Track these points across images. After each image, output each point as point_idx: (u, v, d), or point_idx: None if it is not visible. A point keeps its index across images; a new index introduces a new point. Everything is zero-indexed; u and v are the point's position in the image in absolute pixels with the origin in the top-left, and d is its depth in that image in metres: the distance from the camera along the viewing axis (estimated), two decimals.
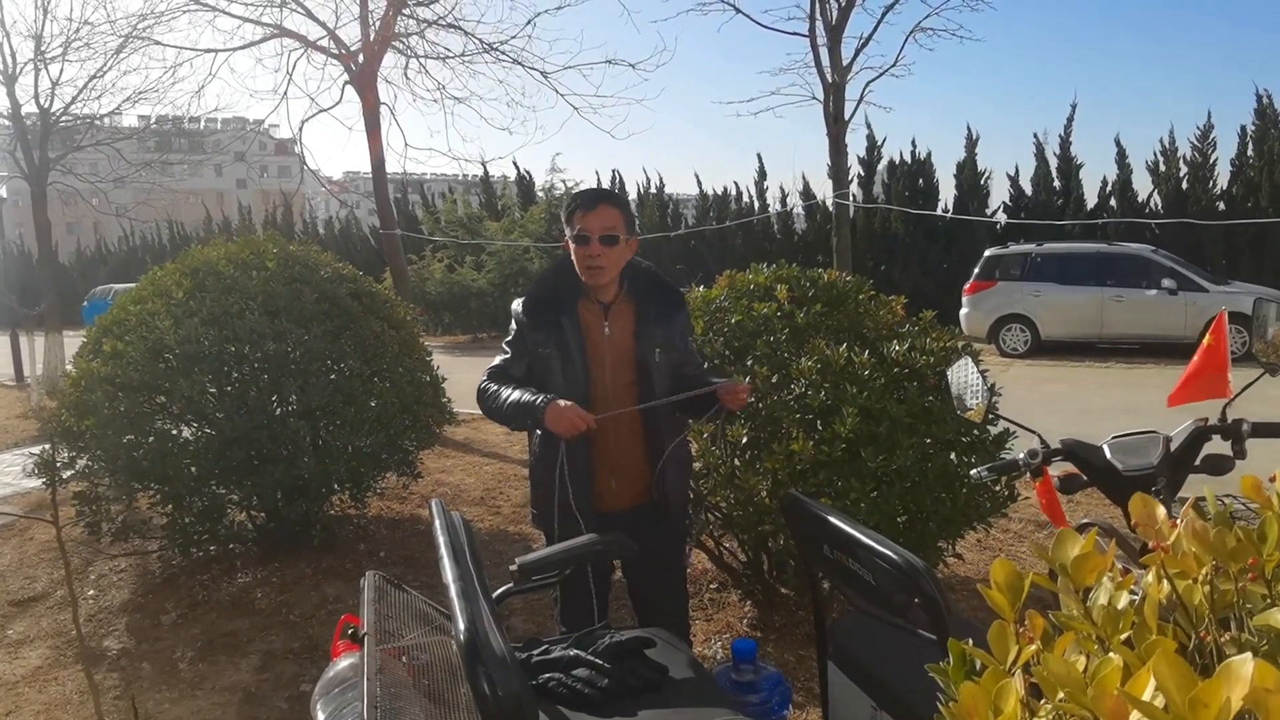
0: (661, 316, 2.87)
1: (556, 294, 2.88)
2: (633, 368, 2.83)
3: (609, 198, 2.89)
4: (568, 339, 2.80)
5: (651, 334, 2.84)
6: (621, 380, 2.83)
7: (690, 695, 2.02)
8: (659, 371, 2.83)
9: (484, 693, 1.37)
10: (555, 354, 2.80)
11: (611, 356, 2.82)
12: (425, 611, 2.00)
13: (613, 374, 2.82)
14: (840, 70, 13.69)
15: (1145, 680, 0.69)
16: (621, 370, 2.83)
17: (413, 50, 11.35)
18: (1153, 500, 0.94)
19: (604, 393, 2.80)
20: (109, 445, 4.87)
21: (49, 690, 4.07)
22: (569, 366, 2.79)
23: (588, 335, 2.82)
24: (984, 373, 2.77)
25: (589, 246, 2.78)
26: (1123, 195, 17.78)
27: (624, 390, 2.82)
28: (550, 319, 2.83)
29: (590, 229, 2.77)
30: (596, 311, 2.85)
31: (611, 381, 2.82)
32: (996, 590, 0.91)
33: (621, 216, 2.83)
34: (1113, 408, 9.22)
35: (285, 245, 5.79)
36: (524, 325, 2.87)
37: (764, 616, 4.25)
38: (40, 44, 14.15)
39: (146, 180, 20.02)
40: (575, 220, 2.81)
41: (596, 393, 2.79)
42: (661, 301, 2.90)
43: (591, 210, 2.79)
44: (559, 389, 2.75)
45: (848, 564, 2.09)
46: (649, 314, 2.86)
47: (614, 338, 2.83)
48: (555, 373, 2.80)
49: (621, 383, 2.83)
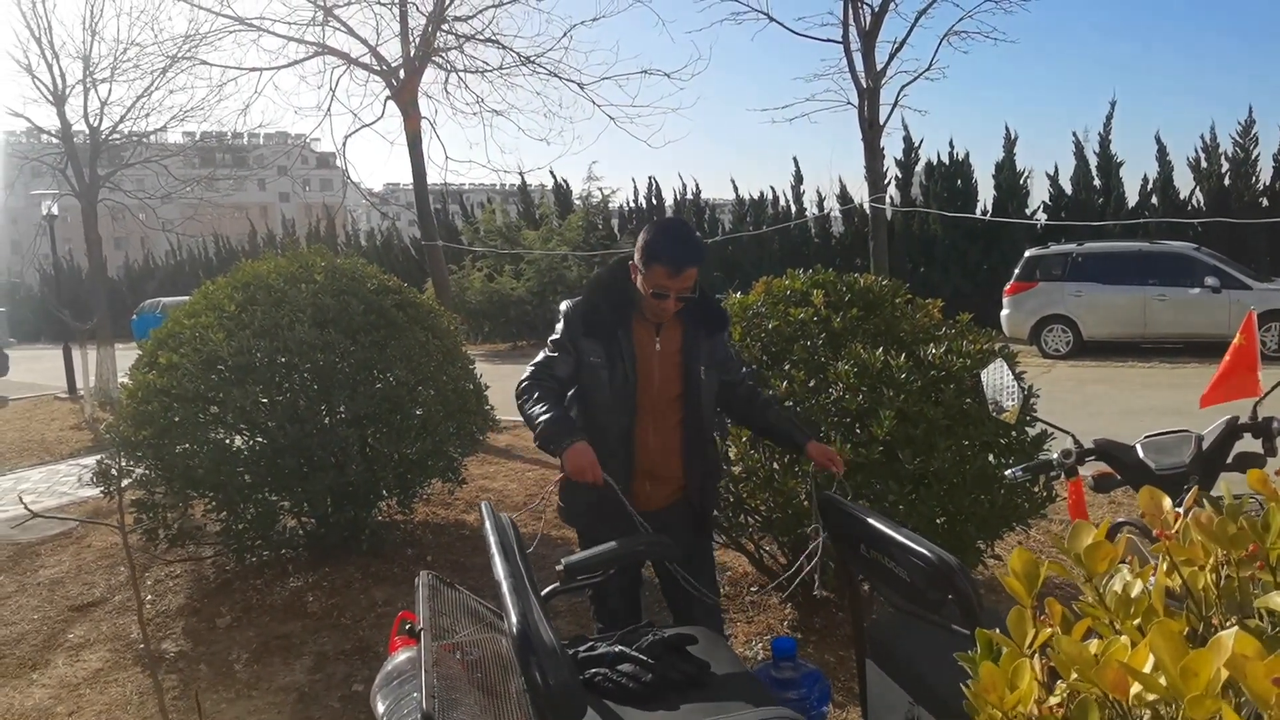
0: (709, 334, 2.94)
1: (611, 306, 2.89)
2: (680, 381, 2.91)
3: (694, 259, 2.81)
4: (620, 353, 2.84)
5: (699, 351, 2.91)
6: (669, 394, 2.91)
7: (731, 690, 2.09)
8: (705, 386, 2.92)
9: (537, 682, 1.45)
10: (604, 365, 2.85)
11: (661, 371, 2.89)
12: (476, 609, 2.09)
13: (660, 387, 2.89)
14: (874, 75, 13.69)
15: (1145, 655, 0.75)
16: (669, 384, 2.91)
17: (452, 65, 11.54)
18: (1159, 492, 1.00)
19: (651, 404, 2.89)
20: (165, 454, 5.03)
21: (109, 692, 4.22)
22: (617, 378, 2.84)
23: (639, 350, 2.87)
24: (1019, 374, 2.82)
25: (664, 303, 2.80)
26: (1164, 193, 17.52)
27: (671, 403, 2.91)
28: (604, 331, 2.86)
29: (670, 289, 2.78)
30: (649, 328, 2.90)
31: (659, 394, 2.90)
32: (1014, 578, 0.98)
33: (699, 271, 2.84)
34: (1156, 408, 9.13)
35: (332, 258, 5.94)
36: (574, 330, 2.89)
37: (804, 619, 4.30)
38: (89, 65, 14.53)
39: (193, 195, 20.45)
40: (656, 274, 2.77)
41: (643, 403, 2.87)
42: (709, 321, 2.96)
43: (676, 275, 2.76)
44: (605, 399, 2.84)
45: (884, 562, 2.15)
46: (698, 333, 2.92)
47: (664, 353, 2.89)
48: (603, 383, 2.86)
49: (669, 395, 2.91)
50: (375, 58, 11.10)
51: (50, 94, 14.75)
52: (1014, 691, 0.87)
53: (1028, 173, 18.68)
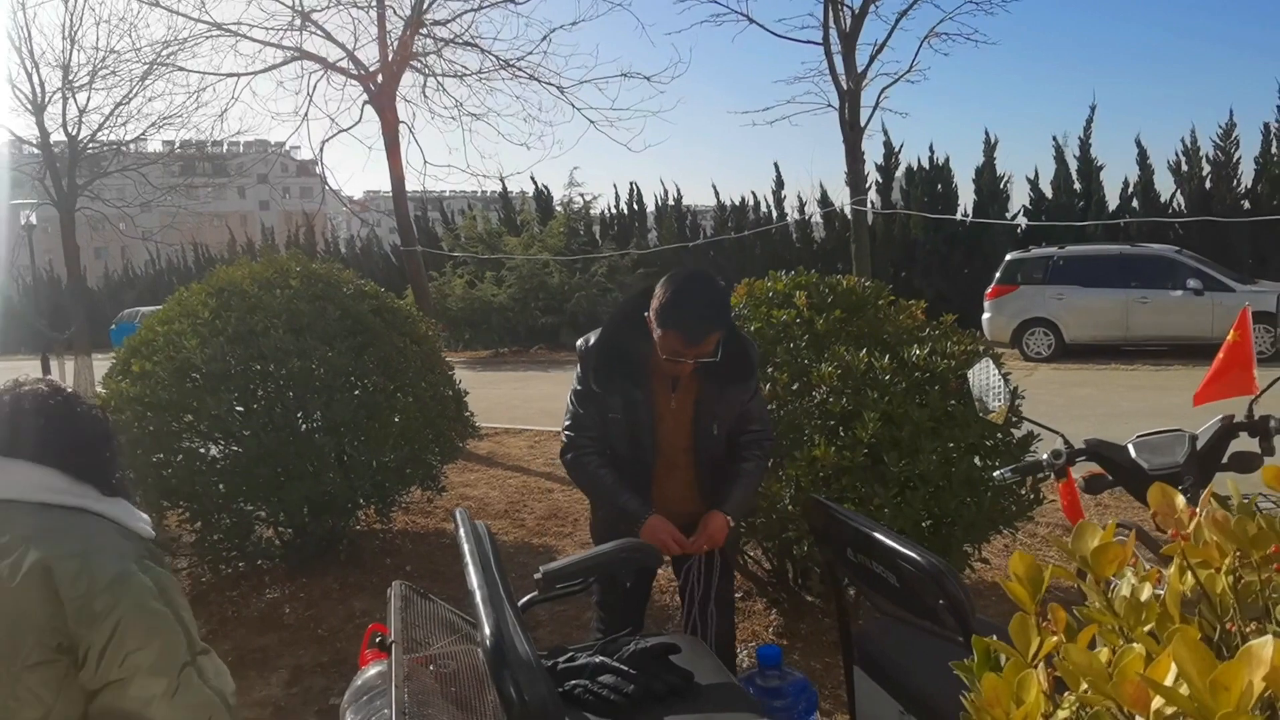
0: (725, 390, 2.78)
1: (627, 358, 2.74)
2: (689, 435, 2.81)
3: (714, 324, 2.61)
4: (638, 411, 2.76)
5: (712, 408, 2.78)
6: (678, 445, 2.82)
7: (716, 701, 2.02)
8: (715, 441, 2.82)
9: (511, 697, 1.38)
10: (623, 420, 2.77)
11: (673, 424, 2.80)
12: (451, 620, 2.02)
13: (670, 440, 2.81)
14: (855, 77, 13.71)
15: (1166, 666, 0.69)
16: (679, 437, 2.81)
17: (430, 69, 11.48)
18: (1171, 489, 0.94)
19: (667, 454, 2.82)
20: (138, 464, 4.92)
21: None
22: (636, 433, 2.77)
23: (657, 408, 2.77)
24: (1005, 374, 2.77)
25: (680, 365, 2.66)
26: (1145, 196, 17.63)
27: (680, 455, 2.83)
28: (622, 386, 2.76)
29: (687, 356, 2.62)
30: (666, 382, 2.78)
31: (668, 447, 2.82)
32: (1016, 583, 0.91)
33: (721, 334, 2.63)
34: (1141, 411, 9.13)
35: (308, 264, 5.85)
36: (591, 377, 2.79)
37: (790, 624, 4.24)
38: (68, 73, 14.43)
39: (172, 204, 20.31)
40: (671, 340, 2.59)
41: (660, 452, 2.81)
42: (728, 375, 2.76)
43: (694, 345, 2.59)
44: (623, 448, 2.78)
45: (871, 567, 2.09)
46: (713, 389, 2.77)
47: (677, 409, 2.79)
48: (621, 437, 2.78)
49: (678, 448, 2.82)
50: (353, 62, 11.04)
51: (29, 103, 14.62)
52: (1020, 706, 0.81)
53: (1008, 177, 18.82)
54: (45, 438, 1.78)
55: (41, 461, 1.75)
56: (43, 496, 1.73)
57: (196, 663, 1.73)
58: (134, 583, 1.68)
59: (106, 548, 1.71)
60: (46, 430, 1.78)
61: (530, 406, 11.93)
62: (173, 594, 1.75)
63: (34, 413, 1.80)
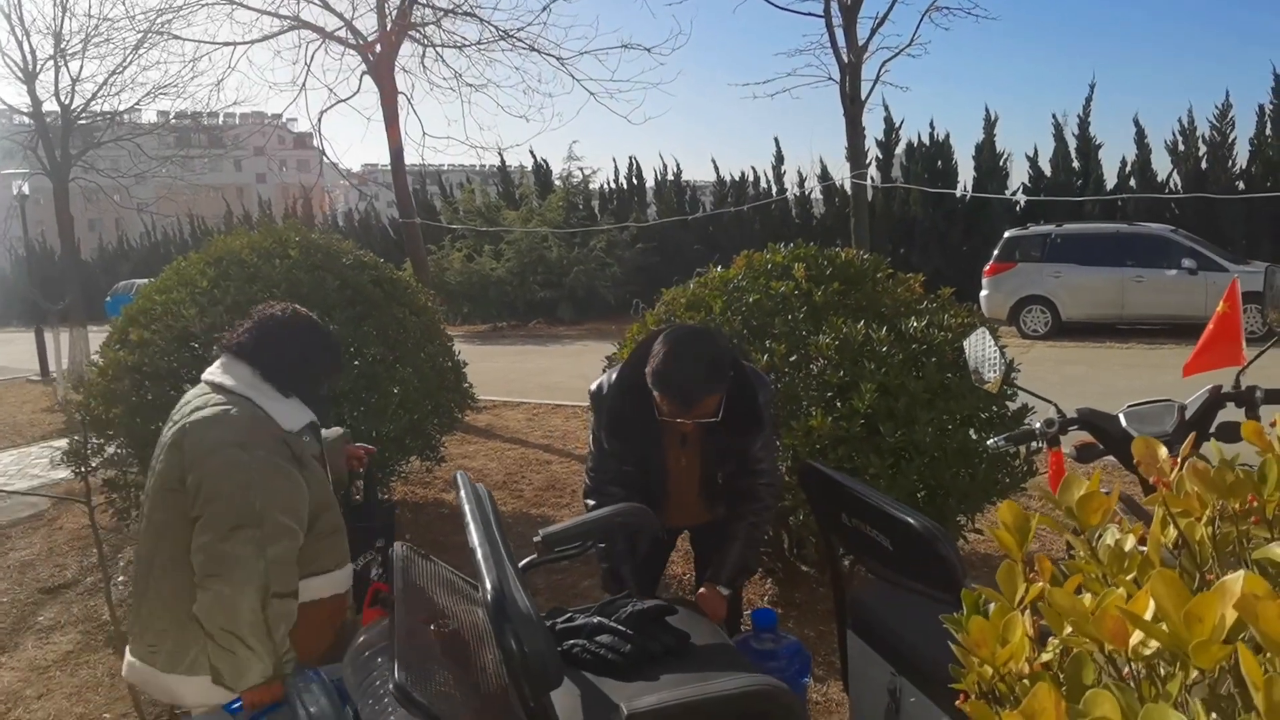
0: (732, 441, 2.73)
1: (639, 416, 2.68)
2: (697, 484, 2.84)
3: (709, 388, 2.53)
4: (650, 468, 2.78)
5: (720, 459, 2.78)
6: (689, 494, 2.85)
7: (711, 661, 2.06)
8: (722, 490, 2.84)
9: (511, 649, 1.41)
10: (636, 474, 2.79)
11: (683, 478, 2.83)
12: (452, 580, 2.05)
13: (681, 487, 2.84)
14: (856, 50, 13.64)
15: (1145, 601, 0.72)
16: (689, 486, 2.84)
17: (429, 39, 11.41)
18: (1155, 441, 0.97)
19: (676, 497, 2.85)
20: (137, 433, 4.94)
21: (80, 674, 4.16)
22: (650, 487, 2.78)
23: (667, 461, 2.80)
24: (1001, 346, 2.79)
25: (681, 426, 2.63)
26: (1142, 175, 17.60)
27: (691, 501, 2.86)
28: (634, 443, 2.75)
29: (685, 418, 2.56)
30: (676, 440, 2.77)
31: (678, 493, 2.85)
32: (1004, 530, 0.94)
33: (722, 392, 2.56)
34: (1135, 389, 9.17)
35: (307, 234, 5.84)
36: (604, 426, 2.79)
37: (785, 593, 4.29)
38: (60, 41, 14.33)
39: (167, 175, 20.24)
40: (669, 405, 2.54)
41: (669, 505, 2.84)
42: (737, 429, 2.68)
43: (688, 410, 2.52)
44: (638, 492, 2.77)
45: (865, 530, 2.12)
46: (719, 442, 2.72)
47: (687, 465, 2.81)
48: (635, 484, 2.79)
49: (689, 496, 2.86)
50: (351, 31, 10.97)
51: (20, 71, 14.51)
52: (1005, 646, 0.84)
53: (1007, 154, 18.76)
54: (259, 344, 2.42)
55: (248, 360, 2.39)
56: (231, 384, 2.36)
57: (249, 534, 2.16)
58: (224, 454, 2.21)
59: (231, 424, 2.26)
60: (262, 339, 2.43)
61: (528, 380, 11.95)
62: (256, 478, 2.20)
63: (259, 324, 2.47)
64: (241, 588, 2.15)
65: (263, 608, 2.17)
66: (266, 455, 2.24)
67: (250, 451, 2.22)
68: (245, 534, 2.16)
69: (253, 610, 2.15)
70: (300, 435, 2.38)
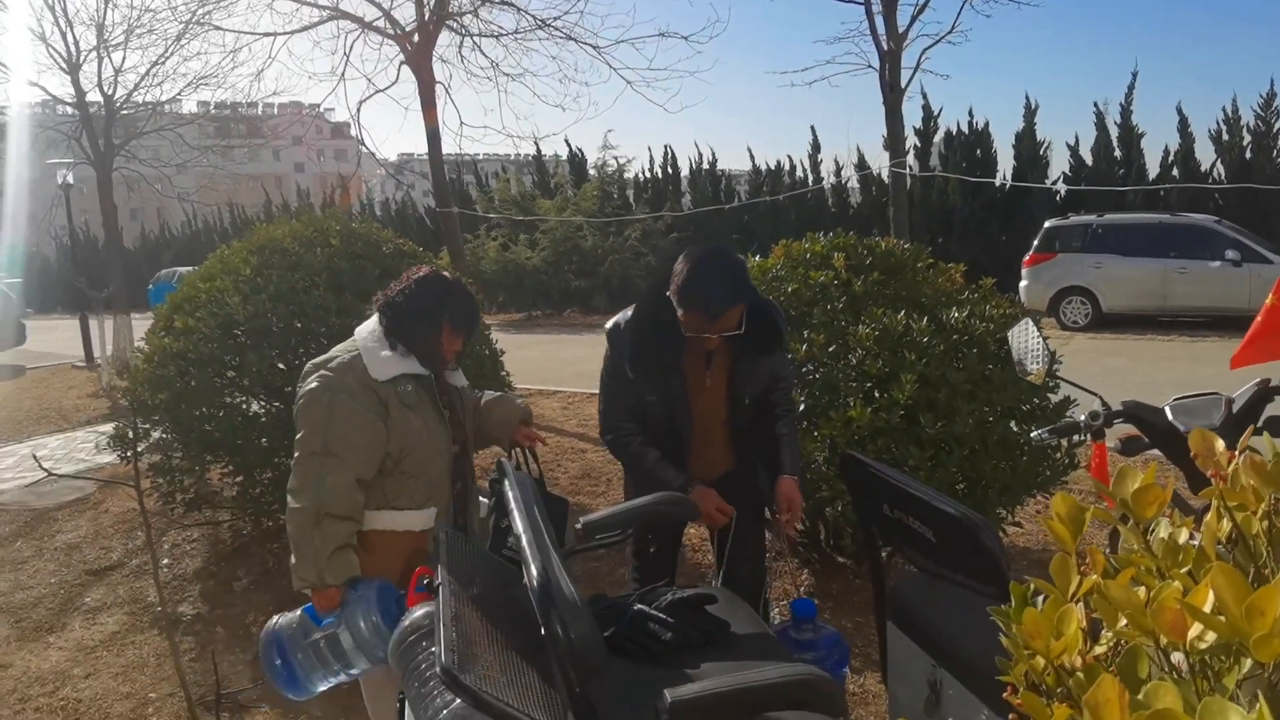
0: (757, 361, 2.82)
1: (661, 345, 2.72)
2: (725, 408, 2.85)
3: (734, 300, 2.60)
4: (673, 396, 2.77)
5: (746, 380, 2.81)
6: (714, 419, 2.86)
7: (751, 650, 2.07)
8: (748, 410, 2.87)
9: (558, 636, 1.43)
10: (660, 405, 2.79)
11: (709, 401, 2.83)
12: (495, 564, 2.07)
13: (707, 414, 2.85)
14: (896, 37, 13.48)
15: (1204, 595, 0.72)
16: (715, 410, 2.85)
17: (466, 29, 11.43)
18: (1212, 434, 0.96)
19: (700, 432, 2.85)
20: (181, 418, 5.03)
21: (126, 654, 4.25)
22: (675, 417, 2.79)
23: (691, 388, 2.79)
24: (1045, 337, 2.77)
25: (706, 342, 2.68)
26: (1185, 165, 17.28)
27: (716, 428, 2.87)
28: (656, 373, 2.76)
29: (711, 332, 2.63)
30: (700, 363, 2.79)
31: (703, 421, 2.85)
32: (1058, 522, 0.94)
33: (744, 307, 2.64)
34: (1176, 381, 9.03)
35: (347, 223, 5.90)
36: (624, 360, 2.80)
37: (821, 584, 4.28)
38: (103, 32, 14.48)
39: (208, 165, 20.46)
40: (694, 319, 2.61)
41: (695, 432, 2.84)
42: (759, 345, 2.77)
43: (714, 321, 2.60)
44: (658, 429, 2.81)
45: (908, 522, 2.11)
46: (744, 361, 2.79)
47: (712, 386, 2.81)
48: (659, 420, 2.81)
49: (715, 421, 2.86)
50: (389, 21, 11.01)
51: (64, 62, 14.71)
52: (1059, 639, 0.84)
53: (1048, 143, 18.47)
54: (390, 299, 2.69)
55: (379, 313, 2.70)
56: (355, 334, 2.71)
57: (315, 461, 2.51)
58: (313, 393, 2.56)
59: (332, 369, 2.58)
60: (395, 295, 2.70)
61: (564, 369, 12.00)
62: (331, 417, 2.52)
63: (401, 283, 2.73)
64: (301, 504, 2.50)
65: (315, 525, 2.48)
66: (346, 399, 2.54)
67: (333, 394, 2.54)
68: (313, 461, 2.51)
69: (302, 526, 2.49)
70: (393, 384, 2.60)
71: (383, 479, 2.64)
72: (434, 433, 2.70)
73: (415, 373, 2.65)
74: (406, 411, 2.62)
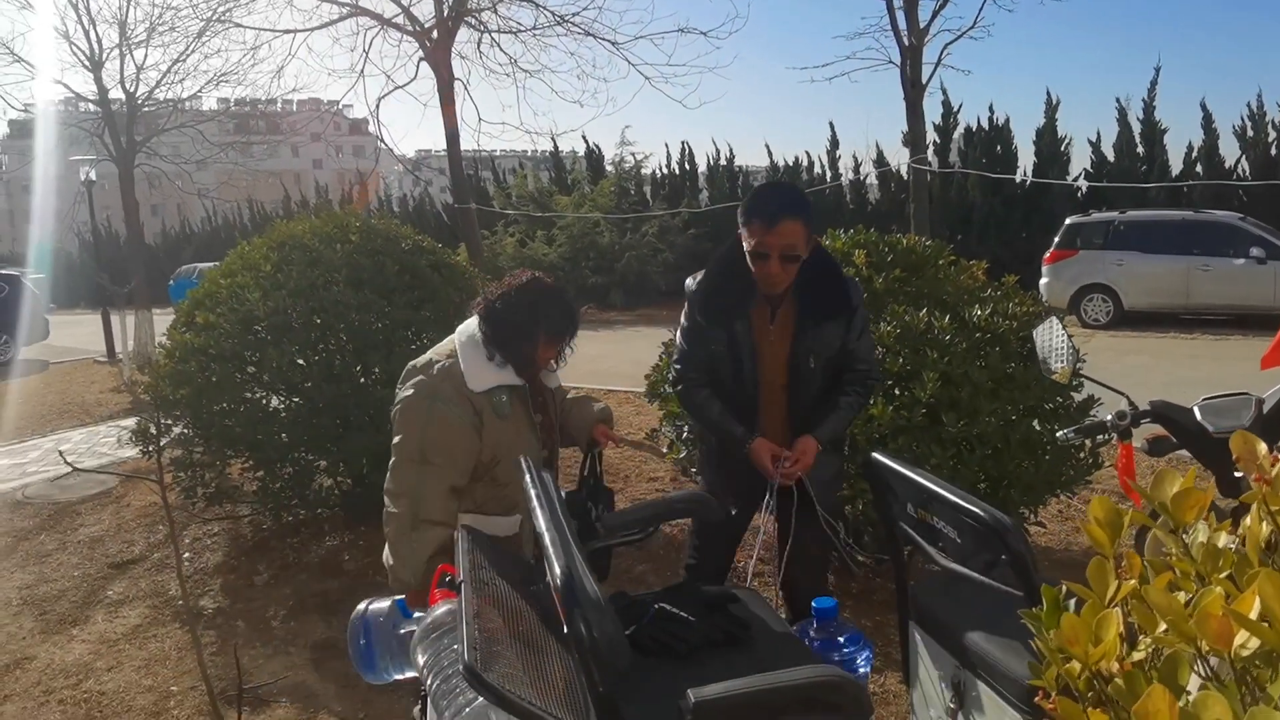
0: (821, 322, 2.78)
1: (730, 291, 2.78)
2: (785, 371, 2.81)
3: (792, 209, 2.65)
4: (740, 345, 2.78)
5: (808, 341, 2.77)
6: (776, 382, 2.82)
7: (774, 650, 2.06)
8: (812, 377, 2.80)
9: (581, 634, 1.42)
10: (726, 355, 2.80)
11: (771, 360, 2.80)
12: (517, 562, 2.07)
13: (770, 373, 2.82)
14: (917, 32, 13.40)
15: (1250, 602, 0.70)
16: (777, 373, 2.81)
17: (485, 25, 11.43)
18: (1254, 437, 0.94)
19: (767, 390, 2.83)
20: (202, 413, 5.06)
21: (148, 647, 4.27)
22: (740, 370, 2.80)
23: (758, 339, 2.79)
24: (1070, 335, 2.74)
25: (767, 264, 2.65)
26: (1209, 161, 17.09)
27: (777, 392, 2.83)
28: (725, 320, 2.79)
29: (769, 247, 2.62)
30: (765, 315, 2.79)
31: (767, 381, 2.82)
32: (1096, 526, 0.92)
33: (804, 229, 2.65)
34: (1199, 379, 8.95)
35: (366, 219, 5.92)
36: (697, 312, 2.85)
37: (841, 582, 4.26)
38: (125, 30, 14.58)
39: (228, 161, 20.58)
40: (754, 231, 2.65)
41: (760, 390, 2.82)
42: (824, 306, 2.77)
43: (771, 227, 2.61)
44: (726, 385, 2.82)
45: (932, 522, 2.09)
46: (808, 320, 2.77)
47: (775, 342, 2.79)
48: (725, 372, 2.82)
49: (775, 384, 2.82)
50: (408, 18, 11.03)
51: (87, 59, 14.81)
52: (1098, 645, 0.82)
53: (1069, 139, 18.31)
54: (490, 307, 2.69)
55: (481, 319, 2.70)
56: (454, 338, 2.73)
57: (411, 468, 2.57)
58: (411, 400, 2.60)
59: (426, 375, 2.63)
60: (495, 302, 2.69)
61: (580, 366, 11.86)
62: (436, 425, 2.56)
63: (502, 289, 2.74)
64: (399, 509, 2.57)
65: (411, 529, 2.54)
66: (444, 407, 2.57)
67: (432, 401, 2.58)
68: (410, 467, 2.57)
69: (400, 530, 2.56)
70: (488, 395, 2.62)
71: (474, 485, 2.69)
72: (526, 441, 2.71)
73: (511, 384, 2.67)
74: (500, 422, 2.64)
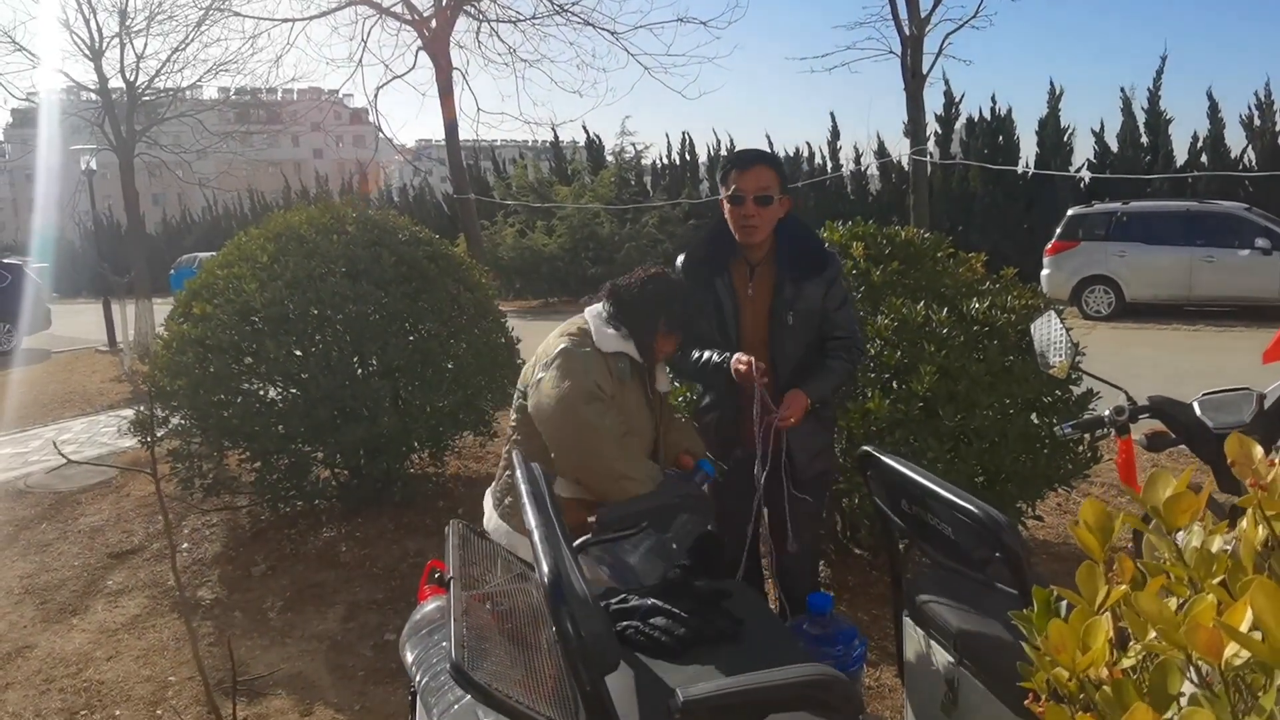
0: (799, 280, 2.89)
1: (712, 254, 2.97)
2: (765, 327, 2.90)
3: (764, 158, 2.93)
4: (721, 301, 2.92)
5: (786, 297, 2.88)
6: (756, 338, 2.91)
7: (767, 646, 2.04)
8: (791, 334, 2.88)
9: (568, 632, 1.40)
10: (710, 314, 2.91)
11: (752, 317, 2.91)
12: (507, 559, 2.06)
13: (750, 333, 2.91)
14: (919, 22, 13.37)
15: (1242, 613, 0.68)
16: (757, 328, 2.91)
17: (484, 14, 11.43)
18: (1249, 440, 0.92)
19: (745, 350, 2.85)
20: (200, 404, 5.04)
21: (147, 637, 4.26)
22: (723, 327, 2.91)
23: (736, 294, 2.92)
24: (1068, 329, 2.72)
25: (743, 207, 2.84)
26: (1214, 151, 17.00)
27: (758, 348, 2.88)
28: (705, 276, 2.94)
29: (745, 189, 2.84)
30: (744, 272, 2.94)
31: (748, 341, 2.91)
32: (1085, 530, 0.90)
33: (776, 176, 2.88)
34: (1202, 372, 8.92)
35: (364, 210, 5.89)
36: (685, 271, 2.98)
37: (838, 576, 4.25)
38: (125, 18, 14.56)
39: (228, 151, 20.56)
40: (730, 180, 2.87)
41: (743, 350, 2.85)
42: (802, 264, 2.91)
43: (746, 171, 2.84)
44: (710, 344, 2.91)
45: (926, 518, 2.08)
46: (787, 277, 2.89)
47: (755, 298, 2.91)
48: (707, 331, 2.91)
49: (756, 340, 2.91)
50: (406, 6, 11.02)
51: (87, 48, 14.79)
52: (1086, 652, 0.80)
53: (1072, 129, 18.23)
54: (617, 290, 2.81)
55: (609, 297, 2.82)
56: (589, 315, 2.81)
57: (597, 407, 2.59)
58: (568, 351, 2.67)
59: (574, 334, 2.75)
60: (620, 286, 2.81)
61: None
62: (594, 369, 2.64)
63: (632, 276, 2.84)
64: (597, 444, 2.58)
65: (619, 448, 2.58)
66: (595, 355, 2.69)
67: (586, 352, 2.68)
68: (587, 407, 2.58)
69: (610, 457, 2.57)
70: (615, 358, 2.72)
71: None
72: (643, 416, 2.79)
73: (633, 355, 2.76)
74: (622, 386, 2.73)
